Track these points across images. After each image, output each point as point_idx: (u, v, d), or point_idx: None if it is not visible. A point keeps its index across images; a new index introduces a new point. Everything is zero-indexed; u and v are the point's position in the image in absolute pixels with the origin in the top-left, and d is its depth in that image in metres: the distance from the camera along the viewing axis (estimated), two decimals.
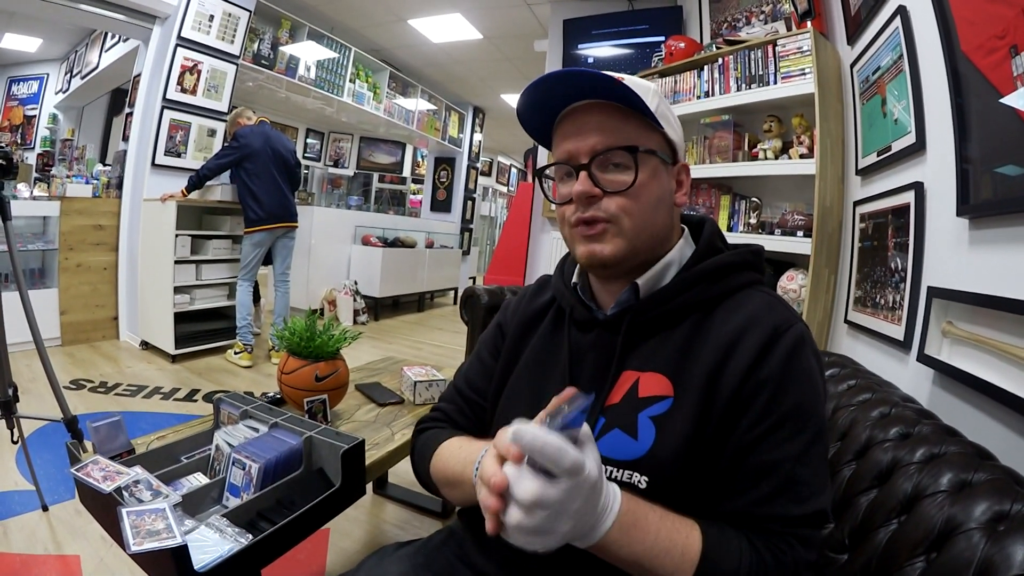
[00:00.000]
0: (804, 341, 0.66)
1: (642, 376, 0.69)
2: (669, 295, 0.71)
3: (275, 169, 3.69)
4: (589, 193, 0.68)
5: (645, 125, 0.69)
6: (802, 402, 0.63)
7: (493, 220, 12.08)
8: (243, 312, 3.78)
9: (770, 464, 0.62)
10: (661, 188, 0.71)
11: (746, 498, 0.63)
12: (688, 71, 2.74)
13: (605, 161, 0.68)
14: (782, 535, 0.61)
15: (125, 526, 0.78)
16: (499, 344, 0.88)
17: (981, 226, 1.15)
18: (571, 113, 0.71)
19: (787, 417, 0.63)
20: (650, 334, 0.72)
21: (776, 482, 0.62)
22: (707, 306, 0.70)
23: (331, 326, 1.55)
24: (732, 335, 0.66)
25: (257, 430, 1.17)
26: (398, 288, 6.30)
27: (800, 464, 0.62)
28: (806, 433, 0.63)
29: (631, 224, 0.68)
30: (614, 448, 0.67)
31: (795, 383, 0.64)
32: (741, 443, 0.63)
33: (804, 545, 0.62)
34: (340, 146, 8.81)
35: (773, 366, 0.64)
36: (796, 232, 2.22)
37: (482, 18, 5.18)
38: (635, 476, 0.65)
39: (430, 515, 2.06)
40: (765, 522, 0.62)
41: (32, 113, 6.41)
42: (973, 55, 1.15)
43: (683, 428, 0.64)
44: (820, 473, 0.64)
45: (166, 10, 3.88)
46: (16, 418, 1.76)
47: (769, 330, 0.65)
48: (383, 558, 0.86)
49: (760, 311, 0.67)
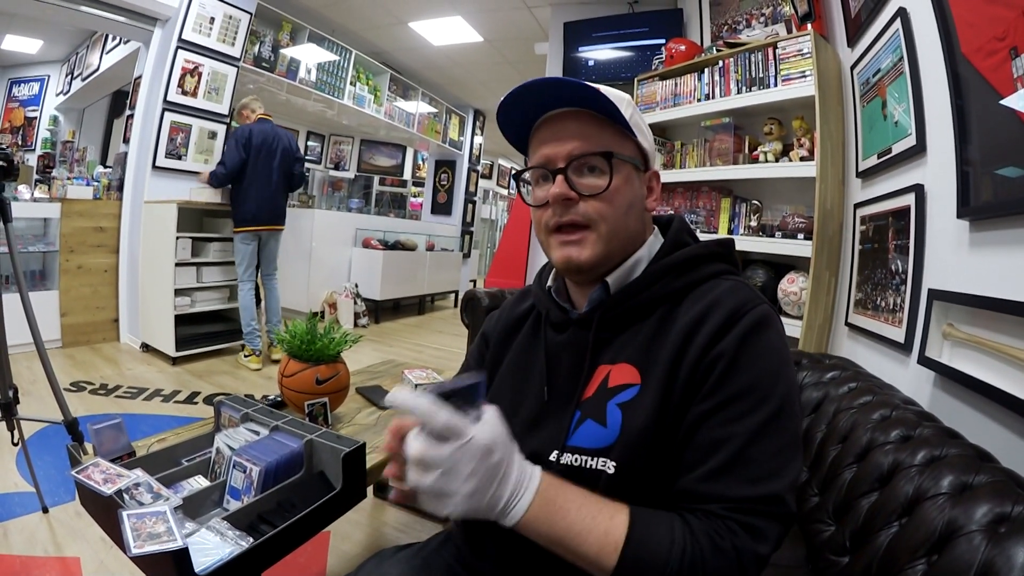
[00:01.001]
0: (766, 321, 0.65)
1: (613, 368, 0.71)
2: (637, 289, 0.73)
3: (272, 170, 3.70)
4: (565, 195, 0.70)
5: (619, 133, 0.72)
6: (759, 380, 0.62)
7: (494, 223, 12.09)
8: (247, 317, 3.78)
9: (718, 440, 0.61)
10: (633, 193, 0.73)
11: (692, 474, 0.61)
12: (688, 74, 2.74)
13: (581, 165, 0.71)
14: (723, 518, 0.58)
15: (126, 529, 0.78)
16: (483, 352, 0.92)
17: (982, 228, 1.15)
18: (549, 120, 0.73)
19: (741, 394, 0.61)
20: (621, 328, 0.73)
21: (723, 459, 0.60)
22: (675, 297, 0.72)
23: (332, 329, 1.55)
24: (695, 319, 0.67)
25: (258, 433, 1.17)
26: (399, 291, 6.30)
27: (752, 444, 0.60)
28: (761, 412, 0.61)
29: (607, 228, 0.71)
30: (586, 437, 0.69)
31: (751, 360, 0.63)
32: (693, 417, 0.63)
33: (751, 534, 0.58)
34: (341, 149, 8.82)
35: (728, 342, 0.63)
36: (797, 235, 2.22)
37: (483, 21, 5.19)
38: (602, 462, 0.66)
39: (430, 518, 2.06)
40: (705, 501, 0.60)
41: (33, 115, 6.41)
42: (973, 57, 1.16)
43: (647, 412, 0.65)
44: (778, 456, 0.60)
45: (167, 12, 3.89)
46: (16, 420, 1.76)
47: (729, 310, 0.65)
48: (382, 561, 0.87)
49: (723, 295, 0.68)
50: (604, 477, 0.65)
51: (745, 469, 0.59)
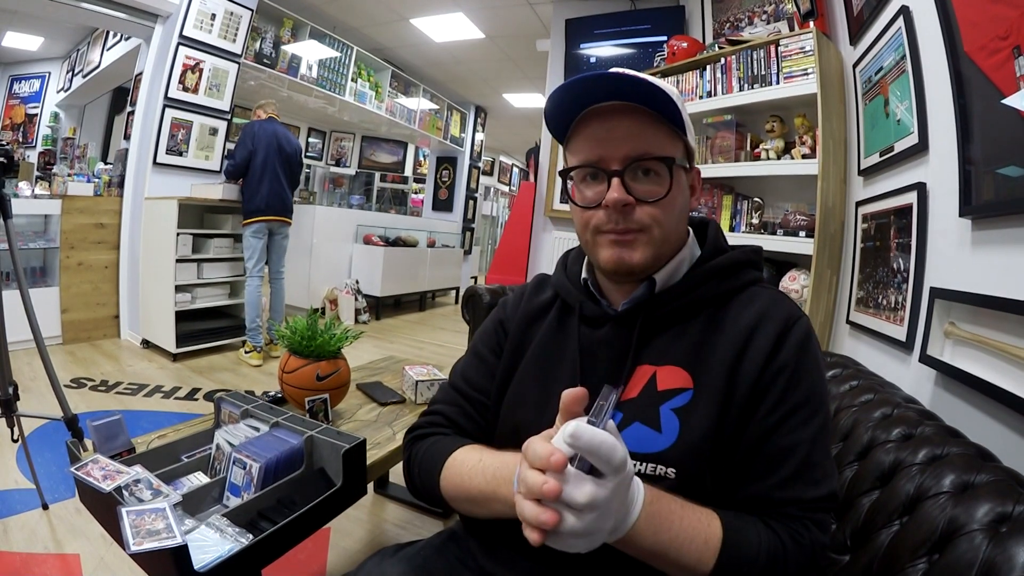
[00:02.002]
0: (811, 333, 0.70)
1: (659, 370, 0.70)
2: (684, 290, 0.72)
3: (279, 166, 3.74)
4: (624, 202, 0.67)
5: (672, 133, 0.69)
6: (814, 389, 0.67)
7: (495, 220, 12.08)
8: (252, 313, 3.78)
9: (787, 448, 0.64)
10: (685, 197, 0.72)
11: (766, 482, 0.65)
12: (690, 71, 2.74)
13: (637, 168, 0.67)
14: (799, 519, 0.63)
15: (125, 525, 0.78)
16: (501, 341, 0.86)
17: (983, 227, 1.15)
18: (597, 113, 0.68)
19: (801, 403, 0.65)
20: (664, 328, 0.72)
21: (793, 466, 0.64)
22: (720, 301, 0.72)
23: (332, 325, 1.55)
24: (748, 327, 0.69)
25: (258, 429, 1.17)
26: (399, 287, 6.30)
27: (814, 448, 0.65)
28: (818, 418, 0.66)
29: (661, 233, 0.69)
30: (638, 442, 0.67)
31: (807, 371, 0.67)
32: (760, 429, 0.65)
33: (819, 527, 0.64)
34: (342, 145, 8.81)
35: (788, 354, 0.67)
36: (798, 232, 2.22)
37: (484, 17, 5.17)
38: (661, 469, 0.66)
39: (431, 515, 2.06)
40: (783, 505, 0.64)
41: (34, 111, 6.41)
42: (976, 56, 1.15)
43: (706, 418, 0.66)
44: (829, 456, 0.67)
45: (168, 9, 3.88)
46: (16, 416, 1.76)
47: (782, 322, 0.69)
48: (383, 560, 0.86)
49: (769, 306, 0.71)
50: (666, 483, 0.64)
51: (812, 473, 0.64)
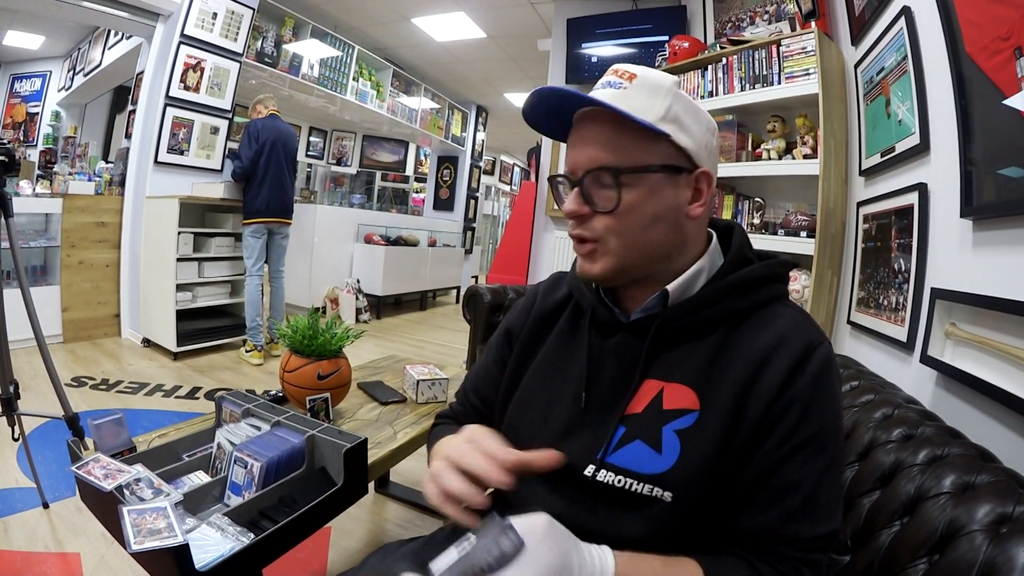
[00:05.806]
0: (832, 362, 0.66)
1: (667, 386, 0.68)
2: (700, 305, 0.69)
3: (283, 164, 3.75)
4: (577, 212, 0.68)
5: (649, 137, 0.66)
6: (826, 425, 0.63)
7: (496, 219, 12.08)
8: (253, 312, 3.79)
9: (793, 484, 0.62)
10: (660, 204, 0.66)
11: (767, 516, 0.63)
12: (692, 71, 2.74)
13: (595, 179, 0.67)
14: (791, 560, 0.62)
15: (126, 525, 0.78)
16: (504, 354, 0.86)
17: (984, 228, 1.15)
18: (579, 119, 0.70)
19: (812, 438, 0.62)
20: (676, 343, 0.70)
21: (797, 501, 0.62)
22: (736, 319, 0.69)
23: (333, 324, 1.55)
24: (762, 352, 0.65)
25: (259, 428, 1.17)
26: (400, 287, 6.30)
27: (820, 486, 0.62)
28: (827, 455, 0.63)
29: (617, 244, 0.67)
30: (634, 460, 0.66)
31: (821, 405, 0.63)
32: (766, 461, 0.63)
33: (812, 568, 0.62)
34: (343, 144, 8.81)
35: (803, 386, 0.63)
36: (799, 232, 2.22)
37: (486, 17, 5.17)
38: (658, 491, 0.64)
39: (433, 514, 2.06)
40: (780, 543, 0.62)
41: (35, 110, 6.41)
42: (977, 56, 1.15)
43: (710, 443, 0.63)
44: (835, 496, 0.65)
45: (169, 7, 3.88)
46: (17, 415, 1.76)
47: (800, 349, 0.64)
48: (386, 555, 0.86)
49: (789, 329, 0.66)
50: (661, 506, 0.64)
51: (816, 510, 0.62)
